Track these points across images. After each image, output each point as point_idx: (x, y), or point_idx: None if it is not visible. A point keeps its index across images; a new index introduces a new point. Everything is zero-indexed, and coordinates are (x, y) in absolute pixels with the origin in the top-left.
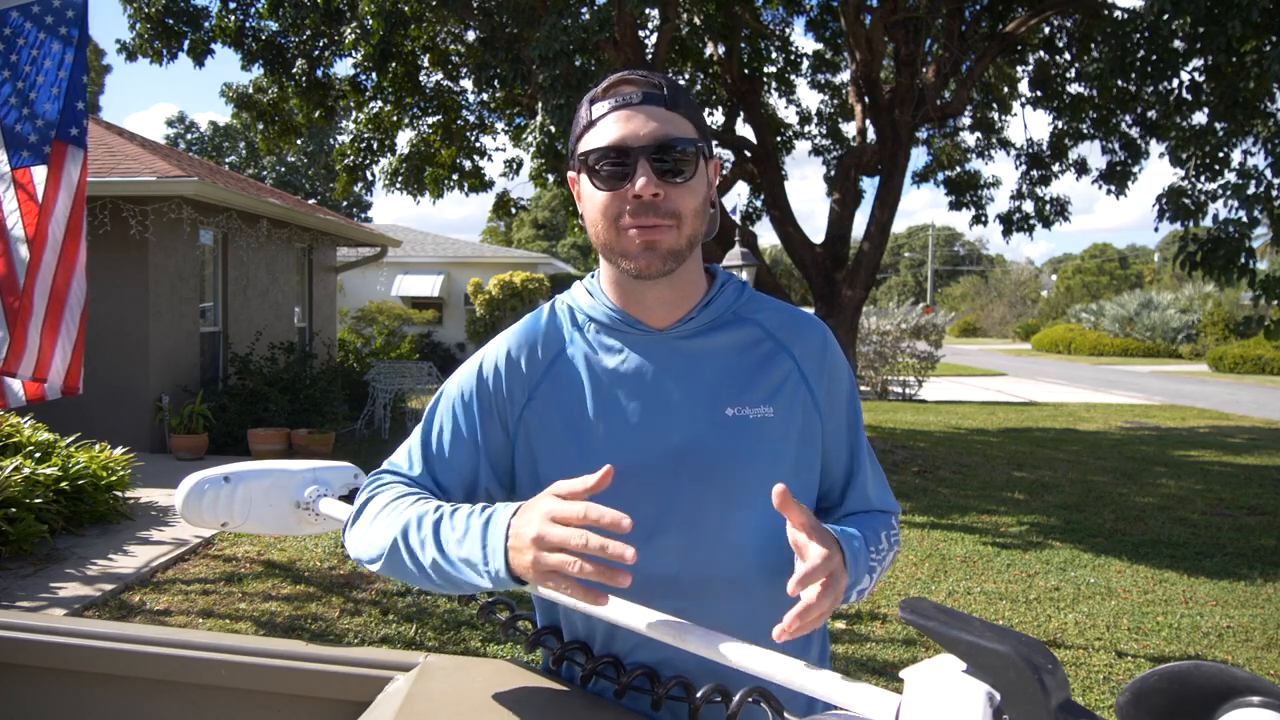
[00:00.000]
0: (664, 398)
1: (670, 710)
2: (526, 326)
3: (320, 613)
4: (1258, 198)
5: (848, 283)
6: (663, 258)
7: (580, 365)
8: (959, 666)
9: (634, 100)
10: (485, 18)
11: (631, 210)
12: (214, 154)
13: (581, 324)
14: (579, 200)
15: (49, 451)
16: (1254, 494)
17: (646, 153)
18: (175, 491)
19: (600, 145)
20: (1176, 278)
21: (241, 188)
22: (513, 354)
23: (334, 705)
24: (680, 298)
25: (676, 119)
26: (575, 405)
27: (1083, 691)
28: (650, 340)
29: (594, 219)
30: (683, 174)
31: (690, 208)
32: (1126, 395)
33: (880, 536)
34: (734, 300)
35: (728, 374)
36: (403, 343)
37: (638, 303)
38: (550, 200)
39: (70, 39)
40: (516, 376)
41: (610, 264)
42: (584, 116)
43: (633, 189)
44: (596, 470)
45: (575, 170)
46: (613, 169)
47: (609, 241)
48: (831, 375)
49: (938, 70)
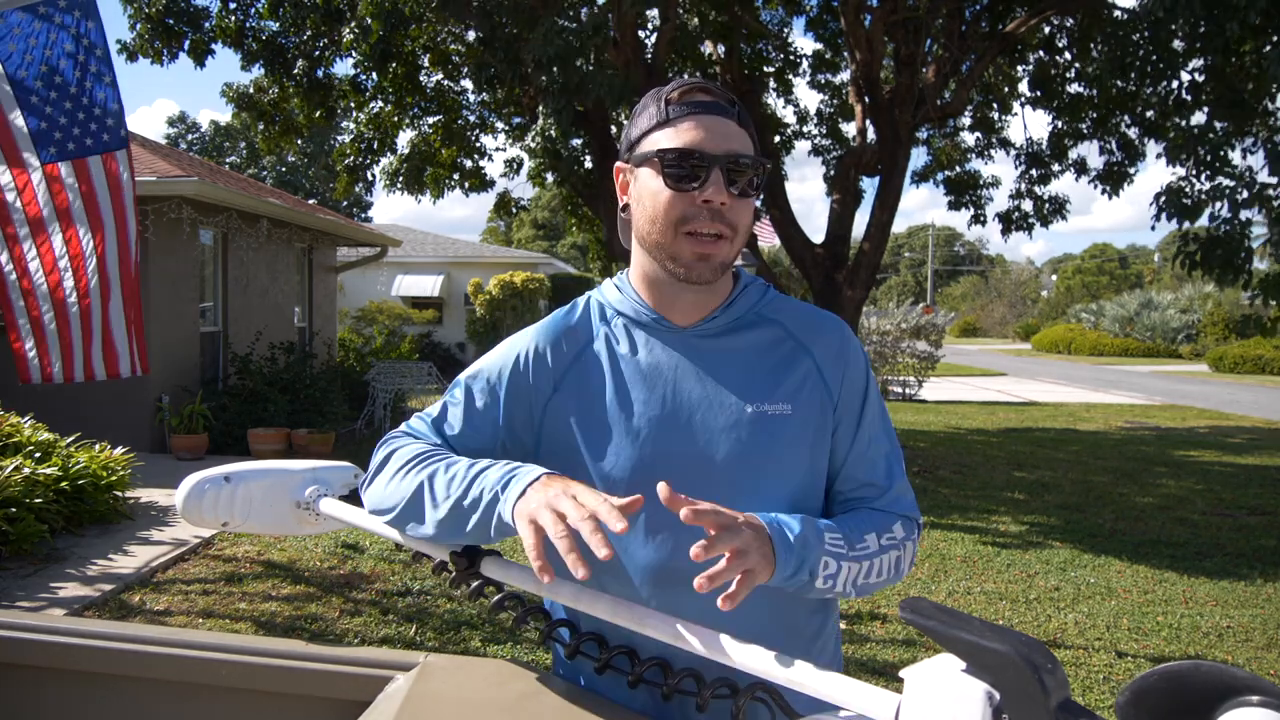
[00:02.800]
0: (685, 393)
1: (676, 705)
2: (557, 319)
3: (320, 613)
4: (1255, 198)
5: (848, 283)
6: (714, 269)
7: (605, 359)
8: (959, 666)
9: (713, 110)
10: (484, 18)
11: (698, 212)
12: (214, 154)
13: (610, 319)
14: (624, 192)
15: (49, 451)
16: (1254, 494)
17: (722, 163)
18: (175, 491)
19: (679, 145)
20: (1176, 278)
21: (241, 188)
22: (540, 346)
23: (334, 705)
24: (708, 299)
25: (744, 136)
26: (598, 397)
27: (1083, 691)
28: (674, 337)
29: (652, 215)
30: (749, 191)
31: (746, 222)
32: (1126, 395)
33: (864, 534)
34: (756, 301)
35: (749, 372)
36: (403, 343)
37: (669, 302)
38: (550, 200)
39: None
40: (543, 367)
41: (653, 261)
42: (654, 113)
43: (703, 194)
44: (618, 465)
45: (634, 163)
46: (685, 171)
47: (662, 241)
48: (848, 374)
49: (938, 70)
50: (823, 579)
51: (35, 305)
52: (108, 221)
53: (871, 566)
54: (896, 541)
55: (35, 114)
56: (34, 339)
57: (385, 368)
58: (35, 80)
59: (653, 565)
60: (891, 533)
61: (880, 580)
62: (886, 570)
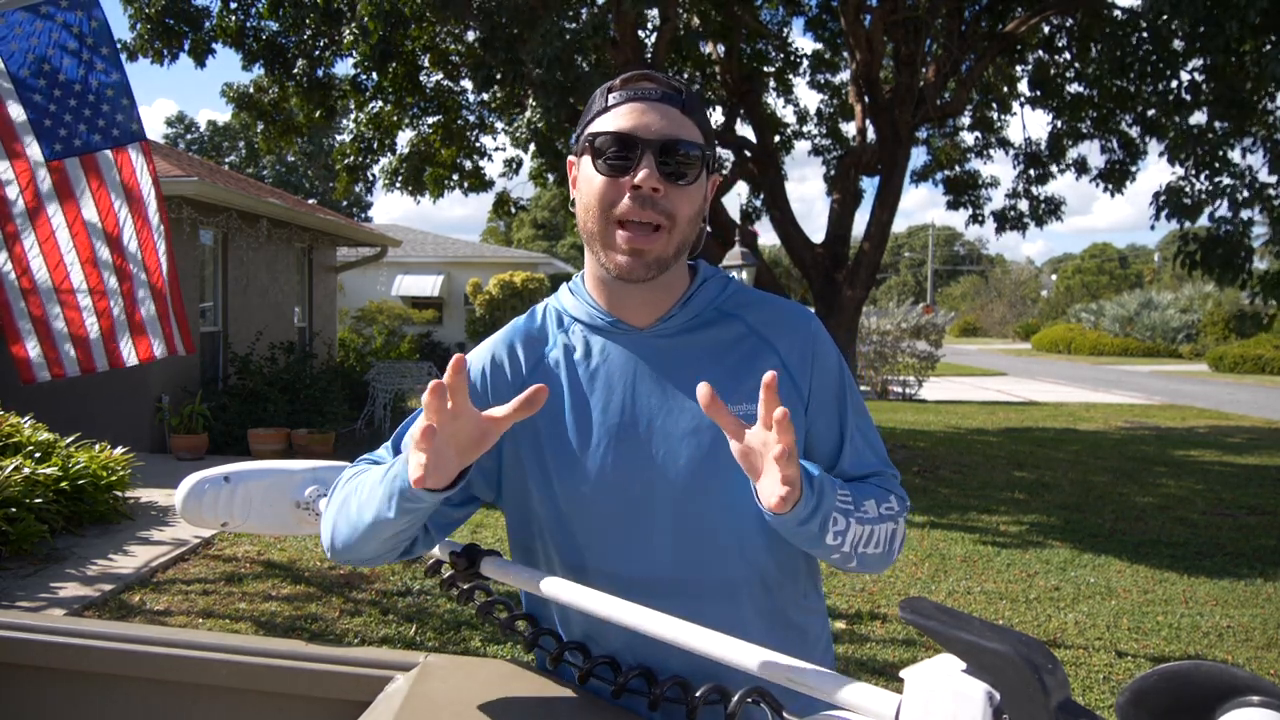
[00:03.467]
0: (644, 399)
1: (667, 711)
2: (512, 330)
3: (320, 613)
4: (1255, 198)
5: (848, 283)
6: (647, 265)
7: (562, 368)
8: (959, 666)
9: (651, 96)
10: (485, 18)
11: (629, 199)
12: (214, 154)
13: (566, 325)
14: (574, 186)
15: (49, 451)
16: (1254, 494)
17: (653, 147)
18: (175, 491)
19: (609, 130)
20: (1176, 277)
21: (241, 188)
22: (498, 357)
23: (334, 705)
24: (663, 297)
25: (688, 124)
26: (556, 408)
27: (1083, 691)
28: (631, 340)
29: (587, 203)
30: (685, 177)
31: (685, 213)
32: (1126, 395)
33: (864, 499)
34: (716, 296)
35: (708, 372)
36: (402, 342)
37: (620, 302)
38: (550, 200)
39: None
40: (502, 379)
41: (593, 256)
42: (598, 102)
43: (633, 179)
44: (579, 478)
45: (578, 153)
46: (617, 157)
47: (596, 230)
48: (818, 369)
49: (938, 70)
50: (832, 534)
51: (38, 304)
52: (120, 211)
53: (872, 534)
54: (894, 514)
55: (39, 111)
56: (37, 337)
57: (385, 368)
58: (39, 78)
59: (637, 579)
60: (889, 504)
61: (876, 553)
62: (883, 542)
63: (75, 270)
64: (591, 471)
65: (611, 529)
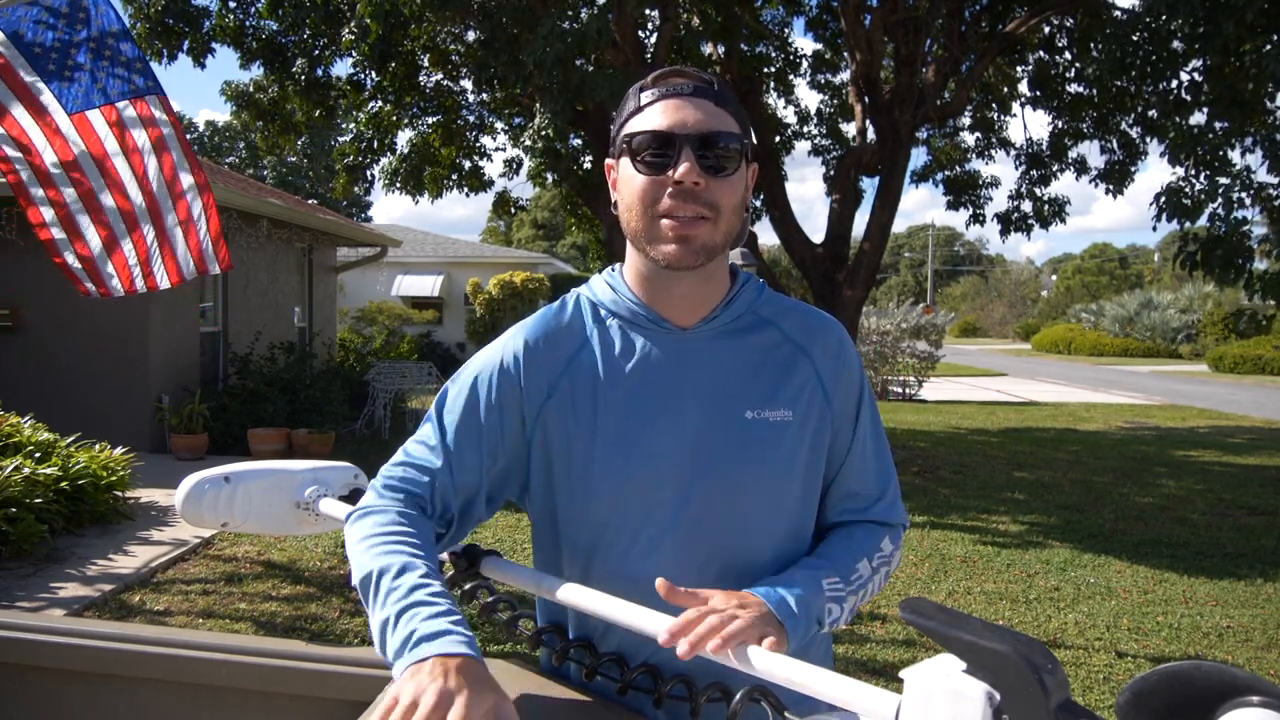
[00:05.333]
0: (684, 399)
1: (670, 710)
2: (545, 320)
3: (320, 613)
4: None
5: (848, 283)
6: (695, 252)
7: (600, 362)
8: (959, 666)
9: (685, 91)
10: (485, 18)
11: (671, 195)
12: (213, 154)
13: (604, 318)
14: (614, 188)
15: (49, 451)
16: (1254, 494)
17: (691, 142)
18: (175, 491)
19: (646, 129)
20: (1176, 278)
21: (241, 188)
22: (531, 347)
23: (334, 705)
24: (706, 295)
25: (724, 115)
26: (593, 405)
27: (1083, 691)
28: (673, 339)
29: (630, 203)
30: (725, 169)
31: (729, 203)
32: (1126, 395)
33: (856, 564)
34: (754, 300)
35: (749, 377)
36: (402, 343)
37: (664, 297)
38: (550, 200)
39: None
40: (536, 371)
41: (639, 253)
42: (631, 102)
43: (674, 175)
44: (610, 471)
45: (615, 155)
46: (656, 155)
47: (641, 228)
48: (845, 377)
49: (938, 70)
50: (828, 624)
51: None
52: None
53: (866, 592)
54: (886, 557)
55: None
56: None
57: (385, 368)
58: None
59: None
60: (881, 550)
61: (871, 595)
62: (878, 587)
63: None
64: (625, 470)
65: (645, 533)
